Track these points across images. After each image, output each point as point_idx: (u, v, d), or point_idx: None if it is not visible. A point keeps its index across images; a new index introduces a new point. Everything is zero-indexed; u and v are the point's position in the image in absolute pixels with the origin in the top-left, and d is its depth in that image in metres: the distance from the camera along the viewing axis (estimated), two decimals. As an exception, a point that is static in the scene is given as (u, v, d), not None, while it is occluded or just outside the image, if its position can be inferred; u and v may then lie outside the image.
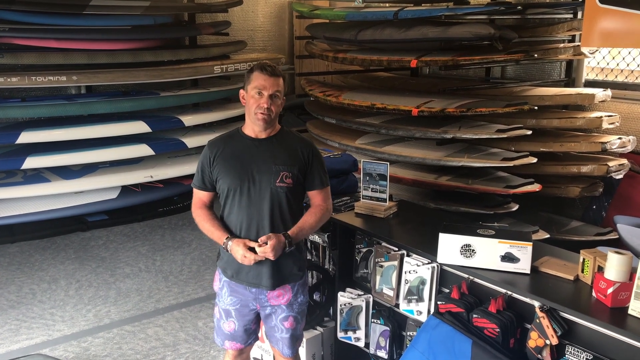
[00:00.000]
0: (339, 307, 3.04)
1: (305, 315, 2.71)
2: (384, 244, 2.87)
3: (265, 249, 2.34)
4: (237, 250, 2.38)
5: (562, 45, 4.82)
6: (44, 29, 5.40)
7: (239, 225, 2.45)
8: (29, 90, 5.93)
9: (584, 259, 2.24)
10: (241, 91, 2.49)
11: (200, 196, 2.57)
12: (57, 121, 5.67)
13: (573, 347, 2.12)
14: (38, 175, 5.54)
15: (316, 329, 3.22)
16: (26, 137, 5.29)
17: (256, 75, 2.40)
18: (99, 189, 5.67)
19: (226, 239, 2.42)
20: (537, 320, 2.15)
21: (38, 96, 5.95)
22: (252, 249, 2.37)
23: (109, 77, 5.64)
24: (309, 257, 3.35)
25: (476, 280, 2.45)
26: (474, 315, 2.33)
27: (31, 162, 5.28)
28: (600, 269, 2.15)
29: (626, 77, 4.91)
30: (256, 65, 2.43)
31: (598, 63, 5.11)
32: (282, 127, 2.56)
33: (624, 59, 4.91)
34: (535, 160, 4.24)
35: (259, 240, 2.37)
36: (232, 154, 2.47)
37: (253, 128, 2.47)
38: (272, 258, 2.37)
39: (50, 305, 4.32)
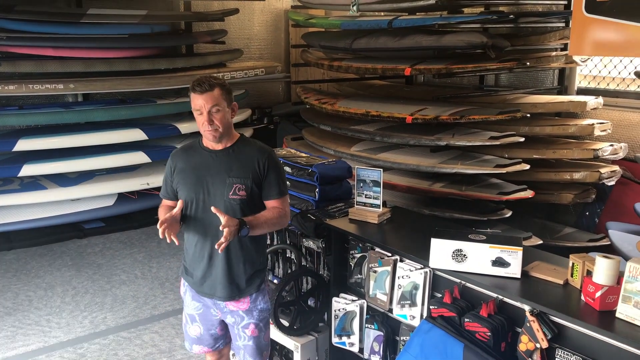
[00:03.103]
0: (333, 313, 3.06)
1: (269, 325, 2.70)
2: (377, 249, 2.89)
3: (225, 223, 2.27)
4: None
5: (554, 53, 4.87)
6: (41, 38, 5.45)
7: (196, 236, 2.48)
8: (27, 98, 5.96)
9: (573, 264, 2.27)
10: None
11: (167, 204, 2.59)
12: (54, 129, 5.70)
13: (563, 351, 2.14)
14: (35, 183, 5.56)
15: (311, 335, 3.24)
16: (23, 145, 5.32)
17: (192, 96, 2.39)
18: (95, 196, 5.69)
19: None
20: (528, 324, 2.18)
21: (35, 104, 5.99)
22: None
23: (106, 85, 5.68)
24: (303, 262, 3.38)
25: (468, 284, 2.47)
26: (466, 320, 2.35)
27: (28, 170, 5.31)
28: (589, 273, 2.18)
29: (618, 85, 4.96)
30: (190, 85, 2.40)
31: (590, 71, 5.16)
32: (241, 135, 2.55)
33: (615, 67, 4.96)
34: (528, 167, 4.28)
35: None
36: (190, 166, 2.49)
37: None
38: (225, 235, 2.26)
39: (46, 312, 4.33)
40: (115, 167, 5.83)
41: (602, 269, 2.09)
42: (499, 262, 2.38)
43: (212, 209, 2.31)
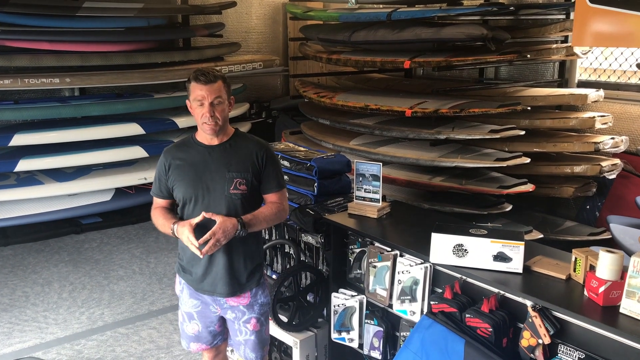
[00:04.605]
0: (332, 308, 3.03)
1: (269, 318, 2.70)
2: (377, 244, 2.86)
3: (214, 229, 2.28)
4: (183, 232, 2.32)
5: (555, 45, 4.83)
6: (36, 31, 5.40)
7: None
8: (22, 92, 5.92)
9: (576, 258, 2.24)
10: (187, 102, 2.44)
11: (159, 203, 2.56)
12: (51, 123, 5.65)
13: (565, 346, 2.12)
14: (31, 178, 5.52)
15: (310, 330, 3.22)
16: (19, 140, 5.27)
17: (193, 86, 2.35)
18: (92, 191, 5.66)
19: (173, 223, 2.37)
20: (530, 320, 2.15)
21: (31, 98, 5.95)
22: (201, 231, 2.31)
23: (103, 79, 5.64)
24: (302, 258, 3.35)
25: (469, 280, 2.45)
26: (467, 315, 2.32)
27: (24, 165, 5.27)
28: (592, 268, 2.15)
29: (619, 78, 4.92)
30: (191, 75, 2.37)
31: (591, 63, 5.12)
32: (236, 130, 2.53)
33: (616, 59, 4.93)
34: (528, 160, 4.25)
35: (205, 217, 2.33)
36: (186, 162, 2.44)
37: (205, 136, 2.45)
38: (221, 239, 2.30)
39: (43, 308, 4.30)
40: (113, 161, 5.79)
41: (605, 263, 2.05)
42: (500, 257, 2.35)
43: (204, 214, 2.32)
